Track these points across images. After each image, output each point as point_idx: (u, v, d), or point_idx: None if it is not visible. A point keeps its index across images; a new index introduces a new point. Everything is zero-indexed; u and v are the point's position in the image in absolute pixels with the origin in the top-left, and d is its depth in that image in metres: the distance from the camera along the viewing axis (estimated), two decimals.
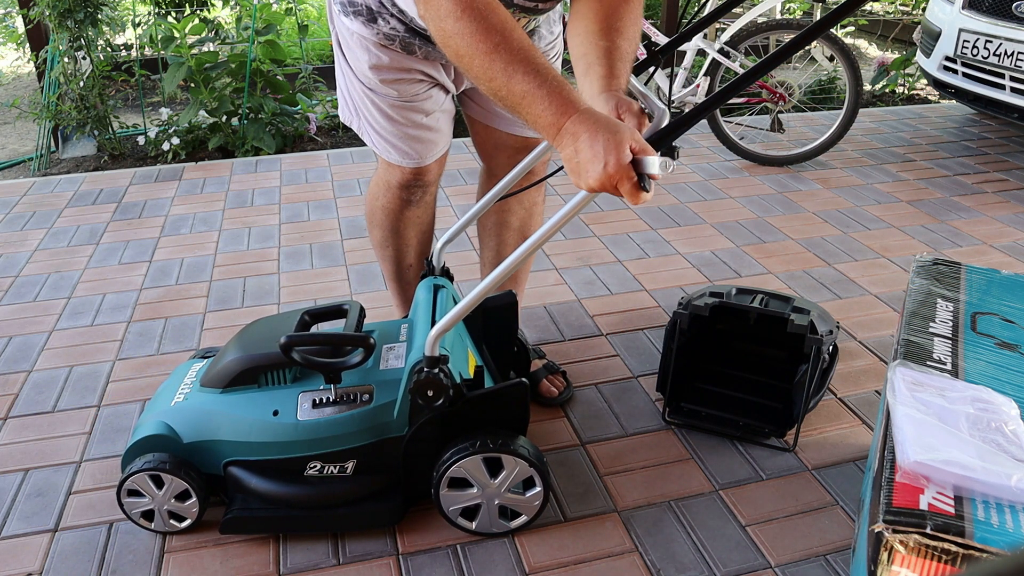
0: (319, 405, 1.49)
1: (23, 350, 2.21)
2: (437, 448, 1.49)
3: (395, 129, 1.65)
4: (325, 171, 3.49)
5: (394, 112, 1.62)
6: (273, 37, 3.81)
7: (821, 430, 1.86)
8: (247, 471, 1.52)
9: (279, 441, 1.49)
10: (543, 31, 1.68)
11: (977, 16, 3.37)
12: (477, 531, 1.55)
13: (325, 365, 1.47)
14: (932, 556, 1.00)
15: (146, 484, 1.50)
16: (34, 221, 3.04)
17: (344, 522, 1.56)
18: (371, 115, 1.65)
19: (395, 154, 1.69)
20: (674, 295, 2.44)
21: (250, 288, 2.52)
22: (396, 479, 1.54)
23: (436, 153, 1.72)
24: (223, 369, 1.54)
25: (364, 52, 1.55)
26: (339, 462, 1.50)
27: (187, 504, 1.53)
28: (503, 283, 1.41)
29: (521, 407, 1.51)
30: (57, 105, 3.76)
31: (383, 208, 1.84)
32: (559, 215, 1.23)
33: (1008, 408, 1.19)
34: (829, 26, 1.24)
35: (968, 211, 3.05)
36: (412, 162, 1.70)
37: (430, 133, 1.67)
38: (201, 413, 1.53)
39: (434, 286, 1.69)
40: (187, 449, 1.51)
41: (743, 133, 3.67)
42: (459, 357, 1.56)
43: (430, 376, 1.41)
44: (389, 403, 1.48)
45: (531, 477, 1.50)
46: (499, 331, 1.81)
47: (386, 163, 1.73)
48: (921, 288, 1.56)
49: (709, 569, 1.49)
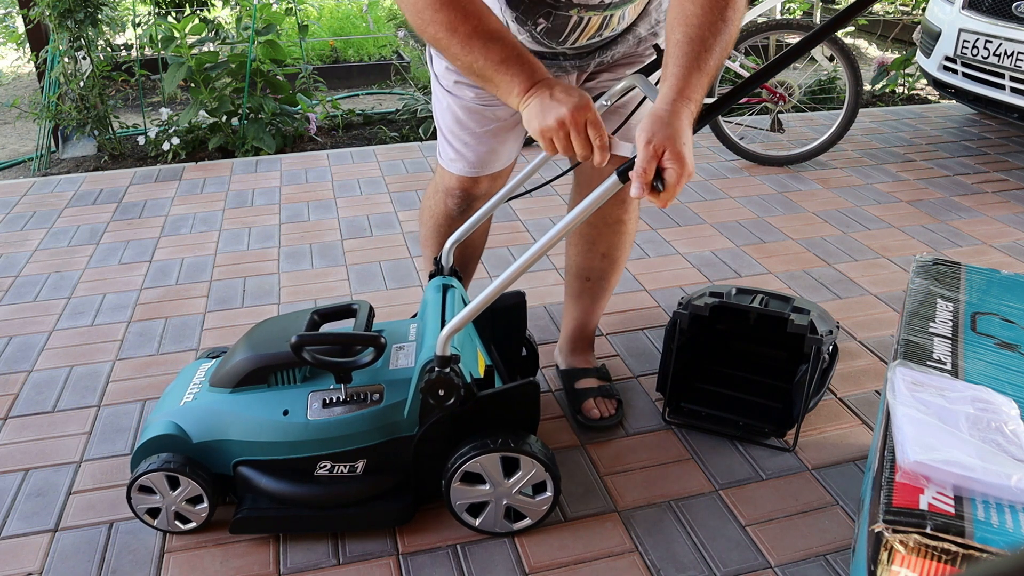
0: (329, 405, 1.49)
1: (23, 350, 2.21)
2: (447, 448, 1.49)
3: (460, 132, 1.66)
4: (325, 171, 3.49)
5: (463, 114, 1.63)
6: (273, 37, 3.81)
7: (821, 430, 1.86)
8: (257, 471, 1.52)
9: (289, 441, 1.49)
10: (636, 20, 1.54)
11: (977, 16, 3.37)
12: (480, 528, 1.55)
13: (336, 365, 1.47)
14: (932, 556, 1.00)
15: (161, 484, 1.50)
16: (34, 221, 3.04)
17: (354, 522, 1.56)
18: (442, 116, 1.67)
19: (453, 157, 1.70)
20: (674, 295, 2.44)
21: (250, 288, 2.52)
22: (406, 478, 1.54)
23: (492, 167, 1.71)
24: (233, 369, 1.54)
25: None
26: (349, 462, 1.50)
27: (197, 508, 1.54)
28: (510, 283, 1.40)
29: (531, 407, 1.51)
30: (57, 105, 3.76)
31: (429, 209, 1.86)
32: (580, 207, 1.25)
33: (1008, 408, 1.19)
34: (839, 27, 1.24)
35: (968, 211, 3.05)
36: (466, 171, 1.70)
37: (492, 143, 1.67)
38: (211, 413, 1.52)
39: (443, 286, 1.69)
40: (197, 449, 1.51)
41: (743, 133, 3.68)
42: (469, 357, 1.56)
43: (441, 376, 1.41)
44: (399, 403, 1.48)
45: (544, 482, 1.51)
46: (508, 331, 1.81)
47: (440, 166, 1.75)
48: (921, 288, 1.56)
49: (709, 569, 1.49)
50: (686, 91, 1.17)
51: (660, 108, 1.16)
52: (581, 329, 2.00)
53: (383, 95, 5.02)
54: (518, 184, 1.67)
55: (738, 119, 3.78)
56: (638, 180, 1.13)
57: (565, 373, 2.00)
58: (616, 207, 1.79)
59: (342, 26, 5.70)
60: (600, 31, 1.48)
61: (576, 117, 1.16)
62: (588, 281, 1.91)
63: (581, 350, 2.01)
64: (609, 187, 1.22)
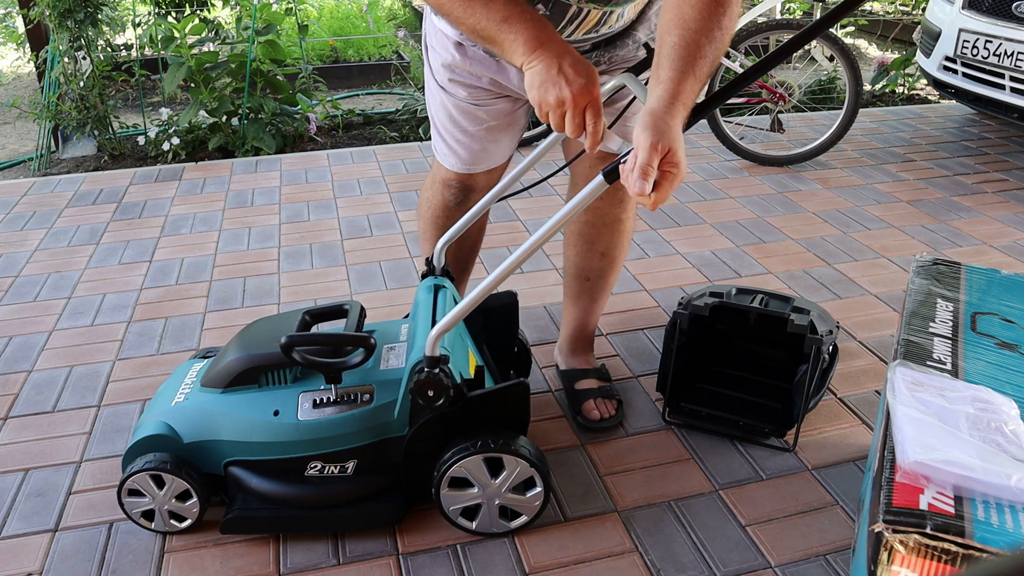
0: (320, 405, 1.49)
1: (23, 350, 2.21)
2: (438, 448, 1.49)
3: (453, 129, 1.67)
4: (325, 171, 3.49)
5: (457, 113, 1.64)
6: (273, 37, 3.81)
7: (821, 430, 1.86)
8: (248, 471, 1.52)
9: (280, 441, 1.49)
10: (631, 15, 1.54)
11: (977, 16, 3.37)
12: (477, 531, 1.55)
13: (326, 365, 1.47)
14: (932, 556, 1.00)
15: (147, 484, 1.50)
16: (34, 221, 3.04)
17: (345, 522, 1.56)
18: (436, 111, 1.69)
19: (446, 153, 1.72)
20: (674, 295, 2.44)
21: (250, 288, 2.52)
22: (397, 479, 1.54)
23: (486, 164, 1.72)
24: (224, 369, 1.54)
25: (443, 49, 1.58)
26: (340, 462, 1.50)
27: (188, 504, 1.53)
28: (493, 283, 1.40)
29: (522, 407, 1.51)
30: (57, 105, 3.76)
31: (427, 200, 1.88)
32: (568, 207, 1.24)
33: (1008, 408, 1.19)
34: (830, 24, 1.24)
35: (968, 211, 3.05)
36: (459, 167, 1.72)
37: (485, 142, 1.68)
38: (202, 413, 1.53)
39: (434, 286, 1.69)
40: (188, 449, 1.51)
41: (743, 133, 3.67)
42: (460, 357, 1.56)
43: (431, 376, 1.41)
44: (390, 403, 1.48)
45: (532, 477, 1.50)
46: (499, 331, 1.81)
47: (436, 159, 1.78)
48: (921, 288, 1.56)
49: (709, 569, 1.49)
50: (680, 95, 1.17)
51: (658, 110, 1.15)
52: (581, 329, 2.00)
53: (383, 95, 5.02)
54: (511, 183, 1.67)
55: (738, 119, 3.78)
56: (643, 178, 1.10)
57: (565, 374, 2.00)
58: (614, 206, 1.79)
59: (342, 26, 5.70)
60: (598, 27, 1.48)
61: (578, 101, 1.16)
62: (587, 281, 1.92)
63: (581, 350, 2.01)
64: (595, 187, 1.21)
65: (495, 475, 1.49)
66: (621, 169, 1.15)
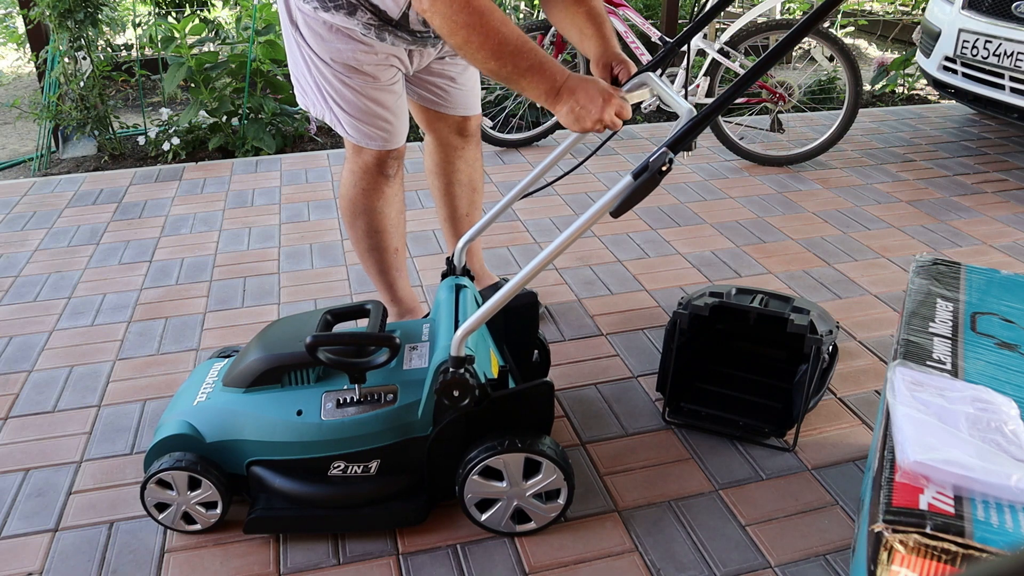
0: (343, 405, 1.49)
1: (23, 350, 2.21)
2: (461, 448, 1.50)
3: (374, 111, 1.77)
4: (325, 171, 3.50)
5: (376, 94, 1.75)
6: (273, 37, 3.81)
7: (821, 430, 1.86)
8: (270, 471, 1.52)
9: (303, 441, 1.49)
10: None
11: (977, 16, 3.37)
12: (484, 524, 1.55)
13: (351, 365, 1.46)
14: (932, 556, 1.00)
15: (181, 482, 1.50)
16: (34, 221, 3.04)
17: (367, 522, 1.56)
18: (347, 103, 1.76)
19: (371, 135, 1.81)
20: (674, 295, 2.44)
21: (250, 288, 2.52)
22: (420, 479, 1.54)
23: (405, 131, 1.87)
24: (246, 368, 1.54)
25: (346, 41, 1.67)
26: (363, 462, 1.50)
27: (209, 513, 1.54)
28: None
29: (546, 407, 1.52)
30: (57, 105, 3.76)
31: (363, 191, 1.91)
32: (593, 210, 1.32)
33: (1008, 408, 1.19)
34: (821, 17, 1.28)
35: (968, 211, 3.05)
36: (388, 144, 1.83)
37: (400, 113, 1.83)
38: (224, 413, 1.52)
39: (456, 286, 1.69)
40: (210, 449, 1.51)
41: (743, 133, 3.68)
42: (483, 357, 1.56)
43: (456, 376, 1.41)
44: (413, 403, 1.48)
45: (558, 490, 1.51)
46: (520, 331, 1.81)
47: (358, 149, 1.84)
48: (921, 288, 1.56)
49: (709, 569, 1.49)
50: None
51: (617, 57, 1.58)
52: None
53: None
54: (534, 179, 1.70)
55: (738, 119, 3.78)
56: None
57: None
58: (476, 149, 2.12)
59: None
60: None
61: (605, 119, 1.41)
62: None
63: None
64: (624, 186, 1.33)
65: (528, 476, 1.49)
66: None
